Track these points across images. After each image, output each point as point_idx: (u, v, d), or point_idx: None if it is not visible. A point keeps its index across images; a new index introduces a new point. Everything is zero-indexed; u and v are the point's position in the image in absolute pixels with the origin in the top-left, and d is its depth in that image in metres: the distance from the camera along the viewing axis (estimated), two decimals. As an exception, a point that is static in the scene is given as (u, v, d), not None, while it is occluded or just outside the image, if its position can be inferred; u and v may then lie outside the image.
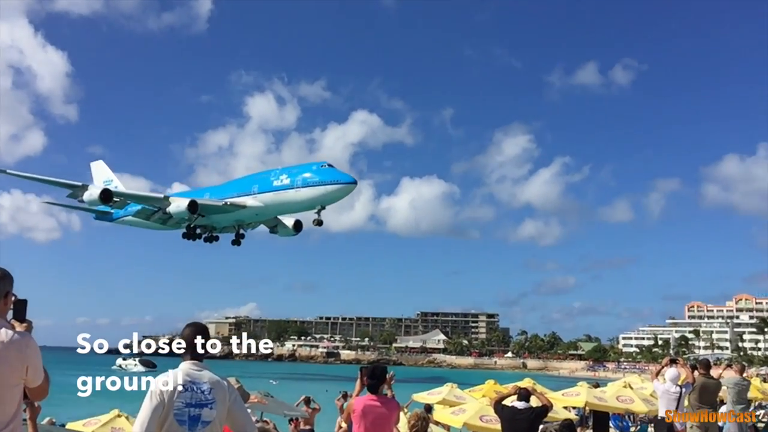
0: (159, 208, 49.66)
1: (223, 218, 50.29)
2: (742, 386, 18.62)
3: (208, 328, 7.01)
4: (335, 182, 44.13)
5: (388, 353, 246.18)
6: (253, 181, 48.93)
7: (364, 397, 9.37)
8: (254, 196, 47.80)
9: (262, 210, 48.26)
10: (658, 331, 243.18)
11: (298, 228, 54.43)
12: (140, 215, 51.83)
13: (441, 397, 23.80)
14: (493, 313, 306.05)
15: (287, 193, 45.54)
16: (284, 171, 46.99)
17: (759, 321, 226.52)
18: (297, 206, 46.76)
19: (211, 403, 6.48)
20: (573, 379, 37.66)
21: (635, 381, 28.19)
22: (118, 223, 60.84)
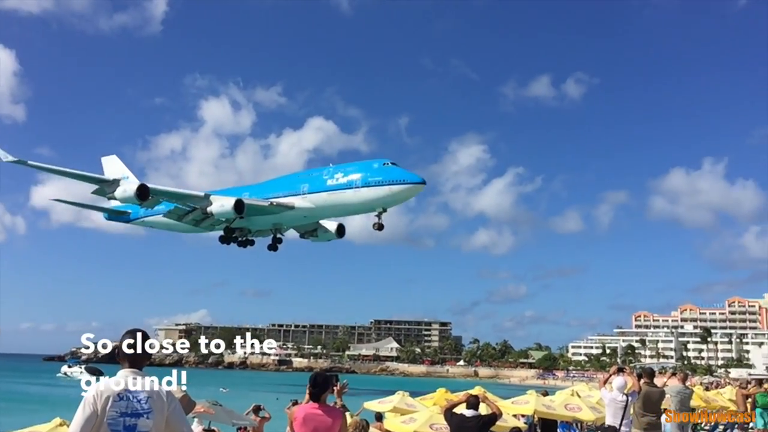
0: (196, 207, 45.98)
1: (264, 220, 46.73)
2: (684, 395, 19.13)
3: (149, 334, 6.83)
4: (402, 182, 40.58)
5: (340, 361, 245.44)
6: (302, 180, 45.17)
7: (306, 406, 9.27)
8: (304, 196, 44.07)
9: (312, 212, 44.72)
10: (606, 340, 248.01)
11: (341, 232, 50.72)
12: (171, 215, 47.98)
13: (392, 406, 23.77)
14: (446, 322, 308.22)
15: (344, 193, 41.83)
16: (338, 169, 43.32)
17: (702, 331, 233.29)
18: (354, 208, 43.25)
19: (148, 413, 6.30)
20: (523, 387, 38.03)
21: (583, 389, 28.68)
22: (136, 224, 57.16)
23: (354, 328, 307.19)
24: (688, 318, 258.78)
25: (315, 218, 46.73)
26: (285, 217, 45.74)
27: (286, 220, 46.77)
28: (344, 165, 43.74)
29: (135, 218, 54.91)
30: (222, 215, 44.57)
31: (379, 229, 42.02)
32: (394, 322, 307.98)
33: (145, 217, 53.57)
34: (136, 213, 53.87)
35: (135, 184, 43.31)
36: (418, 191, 41.83)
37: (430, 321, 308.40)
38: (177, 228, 51.94)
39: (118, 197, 43.75)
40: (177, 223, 49.40)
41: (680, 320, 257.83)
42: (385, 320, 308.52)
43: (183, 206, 46.22)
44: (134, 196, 42.49)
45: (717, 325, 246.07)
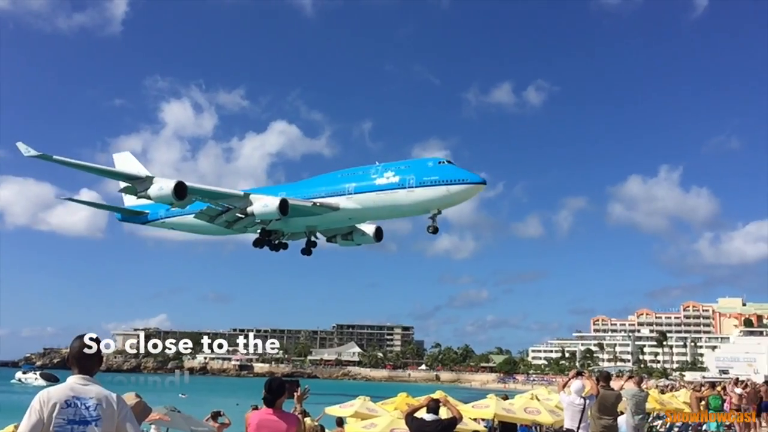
0: (232, 207, 43.35)
1: (303, 222, 44.01)
2: (640, 397, 19.50)
3: (99, 339, 6.71)
4: (460, 182, 37.90)
5: (302, 366, 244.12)
6: (346, 179, 42.17)
7: (260, 411, 9.19)
8: (349, 196, 41.15)
9: (358, 213, 41.87)
10: (565, 344, 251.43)
11: (379, 236, 47.86)
12: (202, 216, 45.25)
13: (353, 410, 23.79)
14: (408, 326, 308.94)
15: (396, 193, 39.11)
16: (388, 167, 40.43)
17: (658, 335, 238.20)
18: (406, 209, 40.52)
19: (96, 420, 6.14)
20: (484, 391, 38.23)
21: (542, 393, 29.08)
22: (155, 226, 54.11)
23: (316, 333, 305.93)
24: (644, 322, 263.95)
25: (360, 220, 44.40)
26: (327, 219, 43.18)
27: (327, 222, 44.34)
28: (394, 163, 41.04)
29: (154, 219, 52.29)
30: (264, 216, 41.94)
31: (434, 232, 39.51)
32: (357, 326, 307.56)
33: (167, 218, 51.07)
34: (155, 213, 51.56)
35: (172, 181, 40.48)
36: (477, 192, 39.34)
37: (393, 325, 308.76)
38: (203, 230, 49.52)
39: (153, 195, 40.83)
40: (205, 225, 46.83)
41: (637, 324, 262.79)
42: (348, 325, 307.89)
43: (216, 206, 43.81)
44: (172, 194, 39.86)
45: (672, 329, 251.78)
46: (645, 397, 20.69)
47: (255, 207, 41.80)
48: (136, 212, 53.05)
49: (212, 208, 43.98)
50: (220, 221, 44.74)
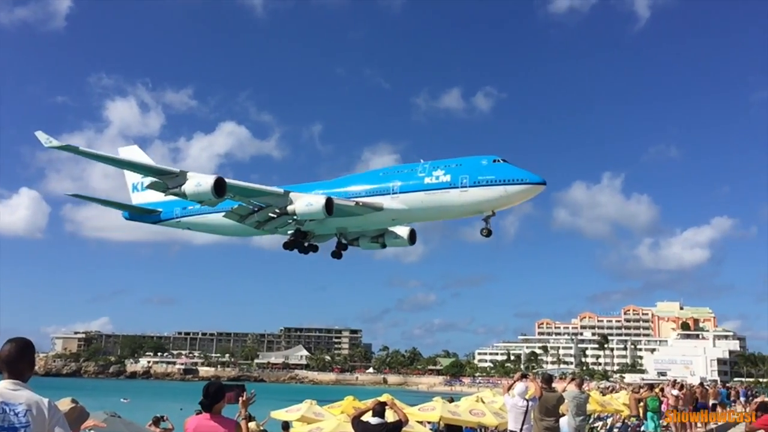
0: (268, 205, 40.79)
1: (339, 222, 41.37)
2: (580, 399, 19.97)
3: (33, 344, 6.52)
4: (519, 182, 35.78)
5: (249, 369, 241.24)
6: (390, 177, 39.69)
7: (198, 417, 9.02)
8: (394, 196, 38.65)
9: (403, 214, 39.36)
10: (510, 347, 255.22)
11: (413, 238, 45.59)
12: (232, 215, 42.46)
13: (299, 414, 23.67)
14: (357, 329, 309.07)
15: (447, 193, 36.80)
16: (437, 165, 38.02)
17: (600, 338, 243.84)
18: (458, 211, 38.04)
19: (26, 427, 5.92)
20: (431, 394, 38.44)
21: (487, 395, 29.49)
22: (169, 225, 50.50)
23: (263, 336, 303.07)
24: (587, 325, 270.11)
25: (404, 221, 41.99)
26: (369, 220, 40.72)
27: (366, 223, 41.91)
28: (442, 161, 38.58)
29: (169, 218, 49.12)
30: (308, 215, 39.19)
31: (487, 235, 37.07)
32: (305, 329, 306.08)
33: (183, 217, 48.06)
34: (169, 212, 48.68)
35: (211, 177, 37.68)
36: (537, 192, 36.94)
37: (341, 329, 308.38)
38: (226, 230, 46.86)
39: (189, 192, 37.96)
40: (231, 225, 44.24)
41: (580, 327, 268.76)
42: (296, 328, 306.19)
43: (248, 205, 41.39)
44: (211, 191, 37.12)
45: (613, 332, 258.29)
46: (586, 398, 21.19)
47: (297, 206, 39.15)
48: (148, 210, 50.19)
49: (243, 206, 41.53)
50: (251, 221, 42.36)
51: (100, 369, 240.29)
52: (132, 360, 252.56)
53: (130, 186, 54.41)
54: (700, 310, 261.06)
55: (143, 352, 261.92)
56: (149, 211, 50.13)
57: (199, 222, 47.68)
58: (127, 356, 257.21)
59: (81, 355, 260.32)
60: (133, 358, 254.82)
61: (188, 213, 47.38)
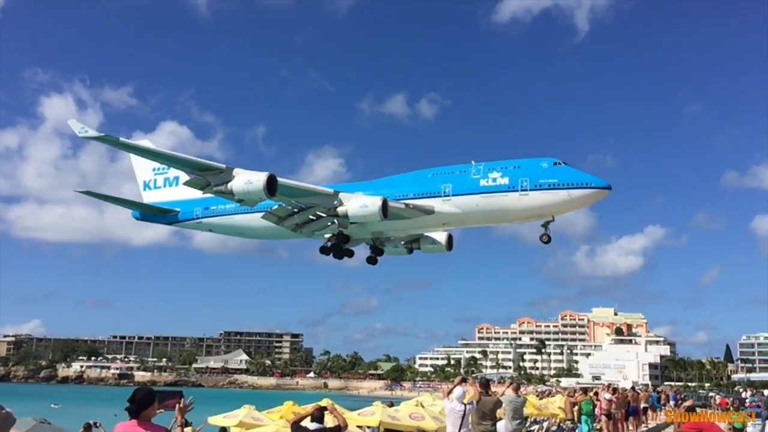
0: (313, 206, 38.33)
1: (385, 225, 38.92)
2: (517, 403, 20.38)
3: None
4: (584, 186, 34.17)
5: (186, 374, 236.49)
6: (441, 179, 37.47)
7: (126, 423, 8.73)
8: (446, 198, 36.57)
9: (456, 218, 37.10)
10: (451, 352, 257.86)
11: (450, 244, 43.61)
12: (271, 217, 39.93)
13: (238, 420, 23.39)
14: (298, 333, 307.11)
15: (506, 197, 34.96)
16: (492, 167, 36.10)
17: (538, 342, 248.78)
18: (516, 215, 36.10)
19: None
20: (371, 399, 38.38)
21: (427, 399, 29.69)
22: (185, 227, 47.18)
23: (202, 340, 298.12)
24: (525, 330, 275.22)
25: (455, 225, 39.51)
26: (418, 223, 38.65)
27: (414, 227, 39.88)
28: (497, 162, 36.69)
29: (188, 219, 45.92)
30: (361, 217, 36.70)
31: (547, 241, 35.51)
32: (245, 333, 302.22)
33: (207, 218, 44.92)
34: (189, 212, 45.63)
35: (263, 174, 34.97)
36: (601, 197, 35.22)
37: (282, 333, 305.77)
38: (256, 233, 44.12)
39: (237, 190, 35.39)
40: (264, 227, 41.78)
41: (519, 332, 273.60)
42: (236, 332, 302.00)
43: (288, 205, 38.85)
44: (263, 189, 34.53)
45: (551, 337, 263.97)
46: (522, 402, 21.62)
47: (350, 207, 36.68)
48: (164, 210, 46.81)
49: (283, 207, 39.00)
50: (289, 223, 39.98)
51: (30, 373, 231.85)
52: (64, 364, 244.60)
53: (141, 184, 51.47)
54: (633, 316, 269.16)
55: (76, 357, 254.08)
56: (165, 211, 47.08)
57: (225, 223, 44.96)
58: (59, 360, 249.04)
59: (10, 359, 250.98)
60: (66, 362, 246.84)
61: (212, 214, 44.70)
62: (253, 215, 41.66)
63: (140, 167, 50.89)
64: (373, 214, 35.82)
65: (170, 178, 49.06)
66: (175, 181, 48.26)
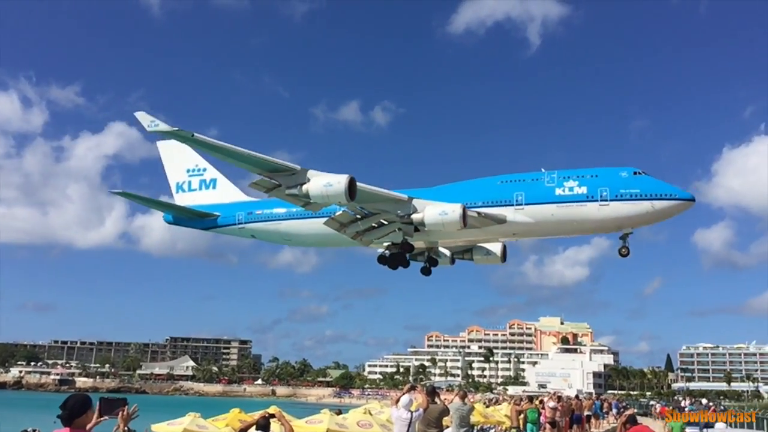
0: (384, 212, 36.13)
1: (447, 235, 37.24)
2: (463, 411, 20.61)
3: None
4: (668, 197, 33.07)
5: (130, 380, 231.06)
6: (512, 186, 35.83)
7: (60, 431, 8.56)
8: (518, 208, 34.93)
9: (528, 228, 35.43)
10: (400, 359, 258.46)
11: (505, 255, 42.04)
12: (333, 223, 37.49)
13: (182, 428, 23.07)
14: (246, 340, 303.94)
15: (584, 207, 33.68)
16: (566, 175, 34.84)
17: (486, 351, 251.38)
18: (593, 226, 34.97)
19: None
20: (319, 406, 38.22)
21: (375, 407, 29.77)
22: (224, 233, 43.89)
23: (147, 346, 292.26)
24: (474, 339, 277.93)
25: (525, 235, 37.69)
26: (487, 232, 36.58)
27: (476, 237, 38.04)
28: (571, 171, 35.47)
29: (228, 224, 43.20)
30: (439, 225, 34.69)
31: (626, 254, 34.16)
32: (192, 339, 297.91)
33: (251, 224, 42.30)
34: (230, 217, 43.08)
35: (344, 177, 32.72)
36: (685, 209, 33.95)
37: (230, 339, 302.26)
38: (308, 240, 41.91)
39: (315, 193, 33.08)
40: (320, 234, 39.43)
41: (467, 341, 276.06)
42: (182, 338, 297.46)
43: (352, 211, 36.54)
44: (344, 193, 32.30)
45: (499, 345, 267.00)
46: (469, 410, 21.86)
47: (427, 214, 34.73)
48: (203, 213, 43.95)
49: (347, 213, 36.70)
50: (352, 230, 37.78)
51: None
52: (2, 369, 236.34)
53: (173, 185, 48.65)
54: (579, 325, 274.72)
55: (14, 362, 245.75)
56: (204, 215, 44.16)
57: (271, 229, 42.44)
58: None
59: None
60: (3, 367, 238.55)
61: (256, 219, 42.41)
62: (308, 221, 39.69)
63: (173, 168, 48.11)
64: (453, 222, 34.05)
65: (206, 181, 47.07)
66: (212, 183, 46.60)
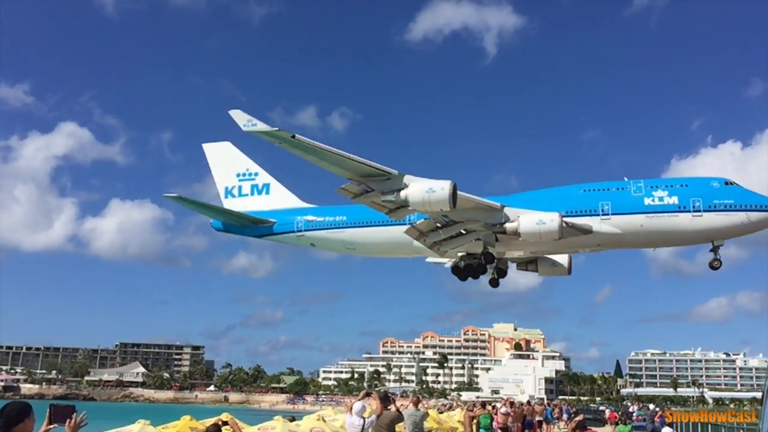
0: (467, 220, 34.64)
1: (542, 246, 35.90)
2: (416, 417, 20.75)
3: None
4: (764, 209, 32.14)
5: (78, 387, 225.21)
6: (597, 195, 34.64)
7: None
8: (605, 218, 33.78)
9: (615, 239, 34.20)
10: (355, 365, 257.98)
11: (570, 266, 40.91)
12: (412, 232, 36.01)
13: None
14: (199, 345, 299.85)
15: (676, 218, 32.69)
16: (654, 185, 33.89)
17: (440, 357, 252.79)
18: (686, 237, 33.74)
19: None
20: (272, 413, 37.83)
21: (329, 413, 29.65)
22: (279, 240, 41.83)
23: (97, 352, 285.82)
24: (429, 345, 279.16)
25: (609, 246, 36.30)
26: (573, 243, 35.09)
27: (556, 248, 36.71)
28: (658, 180, 34.93)
29: (285, 231, 41.28)
30: (536, 235, 33.19)
31: (718, 266, 33.06)
32: (143, 345, 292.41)
33: (311, 231, 40.45)
34: (287, 224, 41.24)
35: (447, 183, 31.25)
36: None
37: (182, 345, 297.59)
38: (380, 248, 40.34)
39: (415, 199, 31.58)
40: (386, 242, 38.53)
41: (422, 347, 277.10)
42: (133, 343, 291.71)
43: (433, 219, 35.01)
44: (449, 199, 30.91)
45: (453, 351, 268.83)
46: (422, 416, 21.99)
47: (522, 223, 33.32)
48: (259, 220, 42.17)
49: (429, 221, 35.32)
50: (432, 239, 36.27)
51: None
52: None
53: (221, 190, 46.45)
54: (532, 331, 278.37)
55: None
56: (260, 221, 42.32)
57: (335, 237, 40.68)
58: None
59: None
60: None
61: (317, 226, 40.75)
62: (376, 229, 38.63)
63: (221, 172, 46.21)
64: (551, 231, 32.75)
65: (258, 186, 45.33)
66: (265, 188, 44.91)
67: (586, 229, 33.89)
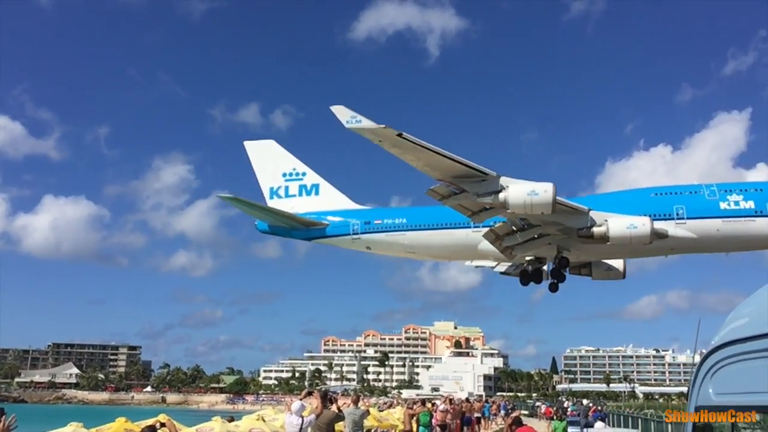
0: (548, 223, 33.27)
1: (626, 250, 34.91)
2: (356, 415, 20.98)
3: None
4: None
5: (8, 389, 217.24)
6: (669, 200, 34.02)
7: None
8: (680, 222, 33.13)
9: (691, 243, 33.56)
10: (296, 364, 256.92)
11: (625, 270, 39.92)
12: (490, 235, 35.01)
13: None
14: (136, 346, 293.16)
15: (753, 222, 32.31)
16: (728, 188, 33.41)
17: (381, 355, 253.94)
18: (761, 242, 33.26)
19: None
20: (211, 413, 37.42)
21: (269, 413, 29.55)
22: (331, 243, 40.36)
23: (28, 352, 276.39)
24: (370, 343, 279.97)
25: (682, 251, 35.60)
26: (647, 247, 33.70)
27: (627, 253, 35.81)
28: (731, 184, 34.42)
29: (340, 234, 39.58)
30: (626, 240, 32.15)
31: None
32: (77, 345, 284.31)
33: (368, 234, 38.95)
34: (342, 227, 39.56)
35: (549, 185, 30.65)
36: None
37: (118, 345, 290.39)
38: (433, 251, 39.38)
39: (516, 202, 30.65)
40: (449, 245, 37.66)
41: (364, 345, 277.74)
42: (66, 344, 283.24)
43: (509, 222, 34.06)
44: (551, 203, 30.40)
45: (394, 349, 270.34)
46: (362, 414, 22.23)
47: (612, 227, 32.32)
48: (310, 222, 40.34)
49: (507, 224, 34.44)
50: (507, 242, 35.30)
51: None
52: None
53: (266, 191, 44.51)
54: (472, 329, 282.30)
55: None
56: (312, 224, 40.57)
57: (394, 241, 39.51)
58: None
59: None
60: None
61: (375, 229, 39.41)
62: (440, 232, 37.98)
63: (266, 172, 44.38)
64: (642, 236, 31.98)
65: (307, 186, 43.68)
66: (314, 188, 43.39)
67: (662, 233, 33.27)
